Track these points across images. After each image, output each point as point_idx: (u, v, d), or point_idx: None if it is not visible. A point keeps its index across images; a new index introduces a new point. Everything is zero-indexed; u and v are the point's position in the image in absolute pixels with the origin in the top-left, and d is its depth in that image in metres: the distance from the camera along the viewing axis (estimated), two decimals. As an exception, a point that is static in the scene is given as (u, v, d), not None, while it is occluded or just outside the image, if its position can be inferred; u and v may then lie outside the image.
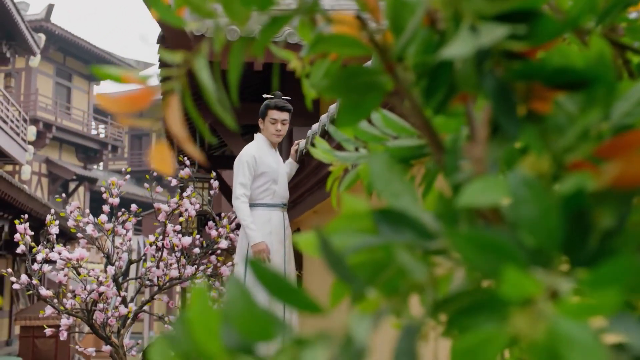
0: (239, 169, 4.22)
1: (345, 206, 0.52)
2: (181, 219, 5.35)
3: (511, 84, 0.46)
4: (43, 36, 19.31)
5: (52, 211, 5.54)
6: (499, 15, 0.46)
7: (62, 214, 5.44)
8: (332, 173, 0.93)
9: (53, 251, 5.05)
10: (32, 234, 5.32)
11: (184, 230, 5.53)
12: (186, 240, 5.16)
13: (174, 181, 5.76)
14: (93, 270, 5.05)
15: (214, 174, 5.72)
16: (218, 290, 4.96)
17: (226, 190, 8.00)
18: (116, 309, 5.05)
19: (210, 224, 5.38)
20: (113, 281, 5.06)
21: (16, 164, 18.07)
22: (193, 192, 5.40)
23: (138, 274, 5.53)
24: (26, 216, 5.38)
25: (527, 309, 0.37)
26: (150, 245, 5.22)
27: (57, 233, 5.29)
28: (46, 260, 5.10)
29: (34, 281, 5.03)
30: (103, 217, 5.28)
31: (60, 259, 4.95)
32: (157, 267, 5.14)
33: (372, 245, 0.43)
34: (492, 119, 0.45)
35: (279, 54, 0.71)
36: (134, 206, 5.44)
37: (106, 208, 5.37)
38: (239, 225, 4.66)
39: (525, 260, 0.38)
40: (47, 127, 23.05)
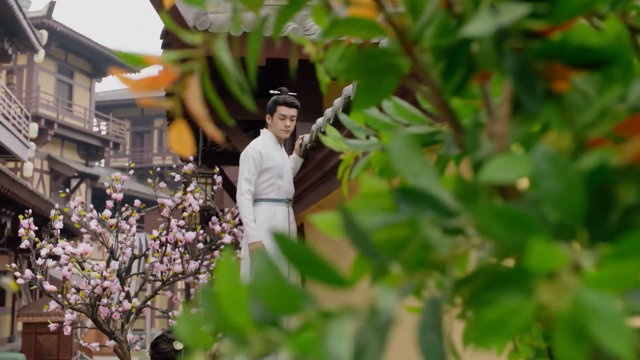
0: (244, 164, 4.22)
1: (364, 186, 0.52)
2: (185, 214, 5.36)
3: (531, 62, 0.46)
4: (45, 32, 19.32)
5: (57, 206, 5.55)
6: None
7: (66, 209, 5.44)
8: (343, 161, 0.93)
9: (57, 246, 5.06)
10: (37, 228, 5.32)
11: (188, 225, 5.53)
12: (190, 235, 5.16)
13: (177, 176, 5.77)
14: (97, 264, 5.06)
15: (217, 169, 5.72)
16: None
17: (229, 187, 8.00)
18: (120, 304, 5.06)
19: (213, 219, 5.39)
20: (117, 276, 5.07)
21: (18, 160, 18.11)
22: (197, 187, 5.40)
23: (140, 270, 5.53)
24: (30, 211, 5.38)
25: (551, 282, 0.38)
26: (154, 240, 5.23)
27: (61, 228, 5.30)
28: (50, 256, 5.10)
29: (38, 276, 5.04)
30: (107, 213, 5.28)
31: (65, 253, 4.96)
32: (161, 262, 5.15)
33: (396, 222, 0.43)
34: (513, 96, 0.46)
35: (296, 40, 0.71)
36: (137, 202, 5.44)
37: (110, 203, 5.38)
38: (243, 221, 4.66)
39: (550, 234, 0.39)
40: (49, 124, 23.07)
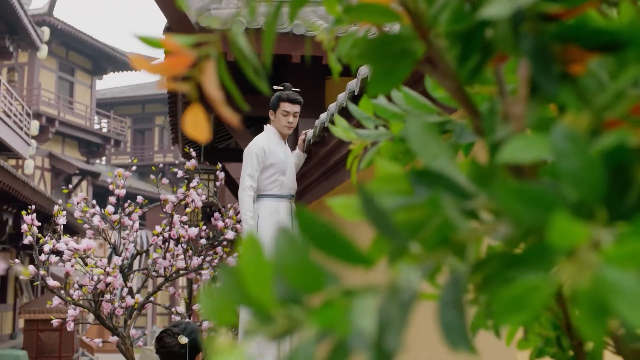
0: (247, 160, 4.22)
1: (380, 170, 0.52)
2: (187, 210, 5.37)
3: (548, 45, 0.46)
4: (47, 29, 19.31)
5: (60, 201, 5.55)
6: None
7: (69, 205, 5.45)
8: (352, 151, 0.94)
9: (60, 242, 5.06)
10: (39, 224, 5.32)
11: (190, 221, 5.54)
12: (192, 231, 5.17)
13: (179, 173, 5.77)
14: (100, 260, 5.06)
15: (219, 165, 5.72)
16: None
17: (231, 183, 8.01)
18: (123, 299, 5.07)
19: (216, 215, 5.39)
20: (120, 272, 5.08)
21: (19, 158, 18.11)
22: (199, 183, 5.41)
23: (142, 266, 5.54)
24: (33, 207, 5.38)
25: (572, 259, 0.38)
26: (157, 236, 5.23)
27: (64, 224, 5.31)
28: (53, 251, 5.11)
29: (41, 272, 5.05)
30: (110, 208, 5.29)
31: (68, 249, 4.97)
32: (164, 258, 5.16)
33: (416, 203, 0.43)
34: (530, 78, 0.46)
35: (307, 26, 0.71)
36: (139, 198, 5.45)
37: (112, 199, 5.39)
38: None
39: (570, 211, 0.39)
40: (50, 121, 23.07)
